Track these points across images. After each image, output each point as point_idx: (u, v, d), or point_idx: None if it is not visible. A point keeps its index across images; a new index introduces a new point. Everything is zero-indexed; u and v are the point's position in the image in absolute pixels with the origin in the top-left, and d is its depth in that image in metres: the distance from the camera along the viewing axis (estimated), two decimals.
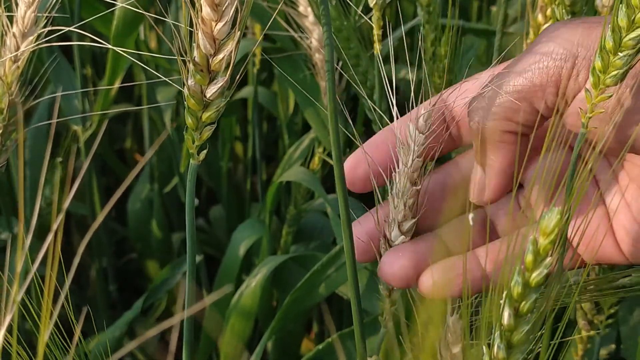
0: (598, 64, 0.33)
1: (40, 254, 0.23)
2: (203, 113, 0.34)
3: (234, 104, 0.95)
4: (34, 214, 0.72)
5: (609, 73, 0.33)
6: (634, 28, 0.32)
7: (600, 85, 0.33)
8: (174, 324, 0.22)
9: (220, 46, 0.33)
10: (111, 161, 1.01)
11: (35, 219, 0.24)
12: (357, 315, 0.36)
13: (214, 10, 0.32)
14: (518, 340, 0.29)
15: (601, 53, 0.33)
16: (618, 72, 0.32)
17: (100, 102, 0.82)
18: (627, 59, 0.32)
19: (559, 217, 0.27)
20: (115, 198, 0.23)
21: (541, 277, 0.28)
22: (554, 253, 0.27)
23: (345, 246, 0.35)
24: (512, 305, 0.28)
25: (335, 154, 0.32)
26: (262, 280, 0.70)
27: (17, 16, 0.44)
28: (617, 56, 0.32)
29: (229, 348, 0.71)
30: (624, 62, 0.32)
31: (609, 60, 0.32)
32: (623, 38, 0.32)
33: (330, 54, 0.29)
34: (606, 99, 0.33)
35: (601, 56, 0.33)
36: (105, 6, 0.77)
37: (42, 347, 0.22)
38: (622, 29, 0.32)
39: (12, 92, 0.45)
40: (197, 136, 0.34)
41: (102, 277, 0.91)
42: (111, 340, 0.74)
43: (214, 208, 1.02)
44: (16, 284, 0.21)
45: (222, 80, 0.33)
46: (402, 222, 0.39)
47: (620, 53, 0.32)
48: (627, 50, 0.32)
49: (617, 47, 0.32)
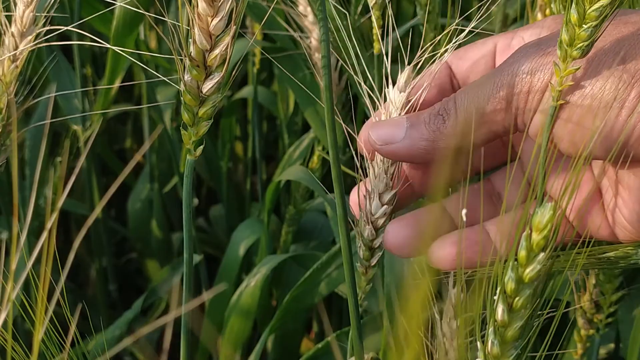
0: (564, 37, 0.33)
1: (35, 252, 0.23)
2: (199, 109, 0.34)
3: (234, 104, 0.95)
4: (31, 213, 0.72)
5: (575, 45, 0.33)
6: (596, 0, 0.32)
7: (567, 58, 0.33)
8: (168, 321, 0.22)
9: (216, 42, 0.33)
10: (111, 161, 1.01)
11: (29, 217, 0.23)
12: (354, 312, 0.36)
13: (210, 5, 0.32)
14: (512, 336, 0.29)
15: (567, 26, 0.33)
16: (583, 44, 0.33)
17: (100, 101, 0.82)
18: (592, 30, 0.33)
19: (552, 212, 0.27)
20: (111, 193, 0.23)
21: (535, 272, 0.28)
22: (547, 249, 0.27)
23: (342, 244, 0.35)
24: (505, 300, 0.28)
25: (332, 153, 0.32)
26: (261, 279, 0.70)
27: (15, 15, 0.44)
28: (582, 28, 0.33)
29: (228, 347, 0.71)
30: (589, 34, 0.33)
31: (575, 32, 0.33)
32: (587, 10, 0.32)
33: (326, 50, 0.29)
34: (574, 71, 0.34)
35: (567, 29, 0.33)
36: (105, 6, 0.77)
37: (37, 344, 0.22)
38: (585, 1, 0.32)
39: (10, 92, 0.45)
40: (193, 132, 0.34)
41: (102, 277, 0.91)
42: (111, 339, 0.74)
43: (214, 207, 1.02)
44: (10, 282, 0.21)
45: (218, 75, 0.33)
46: (383, 192, 0.39)
47: (584, 25, 0.33)
48: (591, 21, 0.32)
49: (582, 20, 0.33)
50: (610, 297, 0.54)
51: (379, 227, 0.40)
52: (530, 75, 0.35)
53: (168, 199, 0.96)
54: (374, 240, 0.40)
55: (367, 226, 0.40)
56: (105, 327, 0.77)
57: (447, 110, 0.37)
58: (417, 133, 0.38)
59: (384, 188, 0.39)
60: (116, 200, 1.04)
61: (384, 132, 0.38)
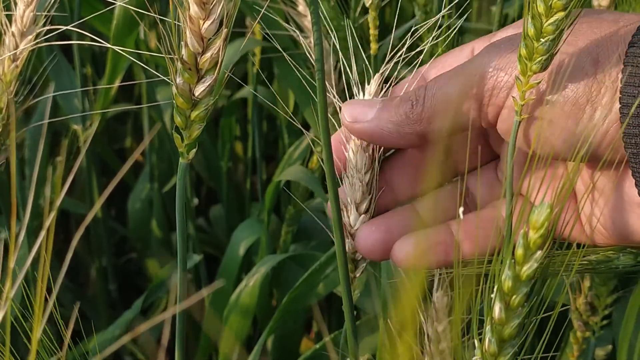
0: (523, 51, 0.33)
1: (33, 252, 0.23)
2: (192, 112, 0.34)
3: (234, 103, 0.95)
4: (31, 213, 0.72)
5: (534, 59, 0.33)
6: (552, 14, 0.32)
7: (528, 72, 0.33)
8: (165, 318, 0.22)
9: (208, 45, 0.33)
10: (111, 160, 1.01)
11: (27, 217, 0.24)
12: (348, 313, 0.36)
13: (202, 8, 0.32)
14: (509, 334, 0.29)
15: (525, 40, 0.33)
16: (542, 57, 0.33)
17: (100, 101, 0.82)
18: (550, 44, 0.33)
19: (548, 211, 0.27)
20: (110, 190, 0.23)
21: (531, 270, 0.28)
22: (544, 247, 0.27)
23: (337, 245, 0.35)
24: (502, 299, 0.29)
25: (326, 152, 0.32)
26: (260, 279, 0.70)
27: (15, 15, 0.44)
28: (539, 42, 0.33)
29: (227, 346, 0.71)
30: (547, 48, 0.33)
31: (533, 46, 0.33)
32: (543, 24, 0.32)
33: (319, 53, 0.29)
34: (535, 85, 0.34)
35: (525, 43, 0.33)
36: (105, 5, 0.77)
37: (34, 344, 0.22)
38: (542, 15, 0.32)
39: (11, 92, 0.45)
40: (186, 135, 0.34)
41: (102, 277, 0.91)
42: (111, 339, 0.74)
43: (214, 207, 1.02)
44: (8, 282, 0.21)
45: (210, 78, 0.33)
46: (360, 202, 0.39)
47: (542, 39, 0.33)
48: (548, 35, 0.32)
49: (539, 34, 0.33)
50: (605, 300, 0.54)
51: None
52: (498, 71, 0.35)
53: (168, 199, 0.96)
54: (356, 253, 0.40)
55: (347, 239, 0.40)
56: (105, 327, 0.78)
57: (417, 97, 0.38)
58: (385, 115, 0.38)
59: (361, 197, 0.39)
60: (116, 200, 1.04)
61: (356, 110, 0.39)
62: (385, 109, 0.39)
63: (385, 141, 0.39)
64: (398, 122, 0.38)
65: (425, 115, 0.37)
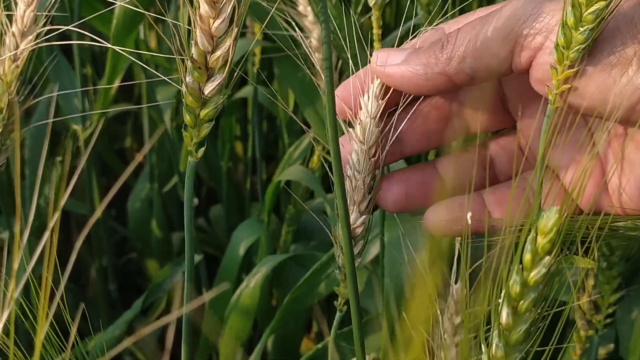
0: (561, 40, 0.33)
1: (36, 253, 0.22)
2: (201, 110, 0.34)
3: (234, 103, 0.95)
4: (32, 213, 0.72)
5: (572, 48, 0.33)
6: (593, 3, 0.32)
7: (564, 61, 0.33)
8: (170, 321, 0.22)
9: (218, 43, 0.33)
10: (111, 161, 1.00)
11: (31, 218, 0.23)
12: (355, 314, 0.36)
13: (212, 7, 0.32)
14: (516, 340, 0.29)
15: (563, 29, 0.33)
16: (580, 46, 0.33)
17: (100, 101, 0.82)
18: (589, 33, 0.33)
19: (557, 216, 0.27)
20: (112, 194, 0.23)
21: (540, 276, 0.28)
22: (552, 252, 0.27)
23: (344, 245, 0.35)
24: (510, 304, 0.28)
25: (334, 151, 0.32)
26: (261, 279, 0.70)
27: (16, 15, 0.44)
28: (578, 31, 0.33)
29: (228, 347, 0.71)
30: (586, 37, 0.33)
31: (572, 35, 0.33)
32: (583, 13, 0.32)
33: (327, 52, 0.29)
34: (571, 74, 0.33)
35: (563, 32, 0.33)
36: (105, 5, 0.77)
37: (38, 345, 0.22)
38: (582, 4, 0.32)
39: (11, 92, 0.45)
40: (195, 133, 0.34)
41: (102, 277, 0.91)
42: (111, 339, 0.74)
43: (214, 207, 1.02)
44: (12, 283, 0.21)
45: (220, 77, 0.33)
46: (361, 201, 0.39)
47: (581, 28, 0.33)
48: (587, 24, 0.32)
49: (578, 22, 0.33)
50: (609, 298, 0.54)
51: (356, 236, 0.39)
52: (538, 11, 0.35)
53: (168, 199, 0.96)
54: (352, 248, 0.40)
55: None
56: (105, 327, 0.77)
57: (448, 39, 0.37)
58: (415, 57, 0.38)
59: (361, 197, 0.39)
60: (116, 200, 1.04)
61: (385, 55, 0.38)
62: (415, 53, 0.38)
63: (413, 84, 0.38)
64: (427, 64, 0.37)
65: (455, 55, 0.37)
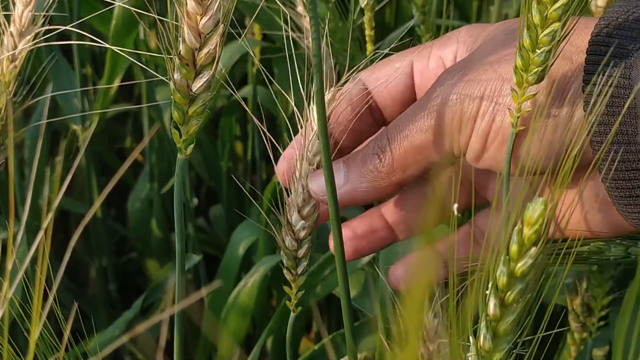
0: (519, 62, 0.33)
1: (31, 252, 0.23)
2: (189, 107, 0.34)
3: (234, 103, 0.95)
4: (31, 213, 0.72)
5: (531, 71, 0.33)
6: (547, 24, 0.32)
7: (524, 84, 0.33)
8: (163, 319, 0.22)
9: (205, 40, 0.33)
10: (111, 160, 1.01)
11: (24, 218, 0.24)
12: (347, 313, 0.36)
13: (199, 4, 0.32)
14: (504, 331, 0.29)
15: (520, 52, 0.33)
16: (538, 69, 0.33)
17: (99, 101, 0.82)
18: (545, 55, 0.32)
19: (543, 207, 0.27)
20: (109, 189, 0.23)
21: (526, 267, 0.28)
22: (538, 243, 0.28)
23: (335, 245, 0.35)
24: (497, 295, 0.29)
25: (324, 154, 0.32)
26: (259, 279, 0.70)
27: (14, 15, 0.44)
28: (535, 53, 0.33)
29: (226, 347, 0.71)
30: (542, 59, 0.32)
31: (529, 58, 0.33)
32: (539, 35, 0.32)
33: (317, 49, 0.30)
34: (531, 97, 0.33)
35: (521, 55, 0.33)
36: (104, 5, 0.78)
37: (32, 345, 0.22)
38: (537, 26, 0.32)
39: (9, 92, 0.45)
40: (184, 130, 0.34)
41: (102, 277, 0.91)
42: (111, 339, 0.74)
43: (214, 207, 1.02)
44: (6, 282, 0.21)
45: (207, 74, 0.33)
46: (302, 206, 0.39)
47: (537, 50, 0.32)
48: (544, 46, 0.32)
49: (535, 45, 0.32)
50: (602, 301, 0.54)
51: (301, 239, 0.39)
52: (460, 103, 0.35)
53: (168, 199, 0.96)
54: (298, 250, 0.40)
55: (287, 236, 0.39)
56: (105, 327, 0.78)
57: (382, 148, 0.37)
58: (355, 176, 0.37)
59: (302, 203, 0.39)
60: (116, 200, 1.04)
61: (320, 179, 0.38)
62: (353, 171, 0.38)
63: (364, 201, 0.38)
64: (371, 179, 0.37)
65: (398, 165, 0.37)
